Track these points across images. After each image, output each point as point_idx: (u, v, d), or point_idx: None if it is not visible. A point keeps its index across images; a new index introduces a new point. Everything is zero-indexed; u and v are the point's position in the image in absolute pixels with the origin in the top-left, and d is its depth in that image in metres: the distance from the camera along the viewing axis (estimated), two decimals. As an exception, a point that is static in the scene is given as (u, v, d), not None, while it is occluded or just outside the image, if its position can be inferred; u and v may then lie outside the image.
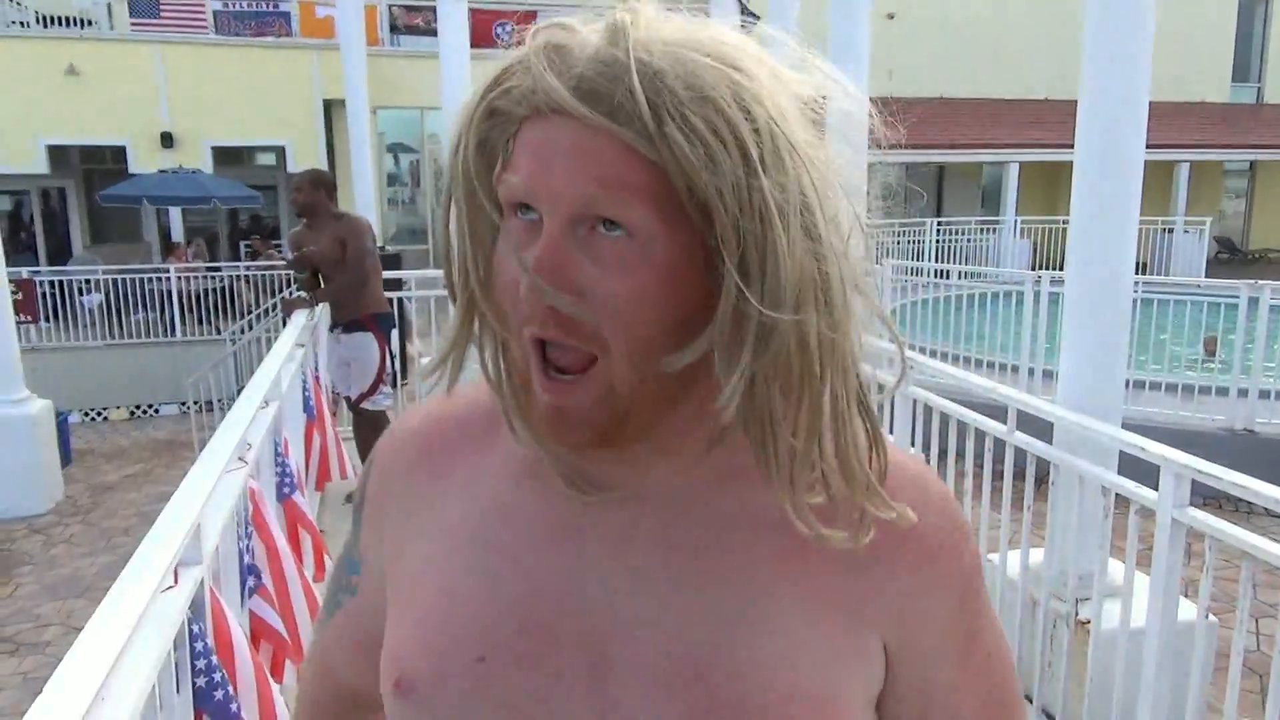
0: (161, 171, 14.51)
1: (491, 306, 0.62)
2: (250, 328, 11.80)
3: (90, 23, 16.27)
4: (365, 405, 5.01)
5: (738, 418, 0.58)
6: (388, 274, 5.35)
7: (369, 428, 5.08)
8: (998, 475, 3.26)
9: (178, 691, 1.68)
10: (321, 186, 4.82)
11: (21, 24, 16.02)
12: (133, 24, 16.07)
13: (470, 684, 0.63)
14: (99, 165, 17.06)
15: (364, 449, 5.16)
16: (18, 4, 16.37)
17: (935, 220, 17.36)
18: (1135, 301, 6.38)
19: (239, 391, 11.06)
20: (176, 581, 1.69)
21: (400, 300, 6.03)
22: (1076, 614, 3.10)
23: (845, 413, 0.60)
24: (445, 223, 0.63)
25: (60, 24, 16.15)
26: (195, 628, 1.75)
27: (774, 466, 0.59)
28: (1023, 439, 3.14)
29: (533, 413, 0.62)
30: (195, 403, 10.53)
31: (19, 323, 8.82)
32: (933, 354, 7.73)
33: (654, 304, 0.56)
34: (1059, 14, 19.41)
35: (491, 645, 0.64)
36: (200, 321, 13.10)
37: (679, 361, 0.58)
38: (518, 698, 0.63)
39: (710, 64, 0.55)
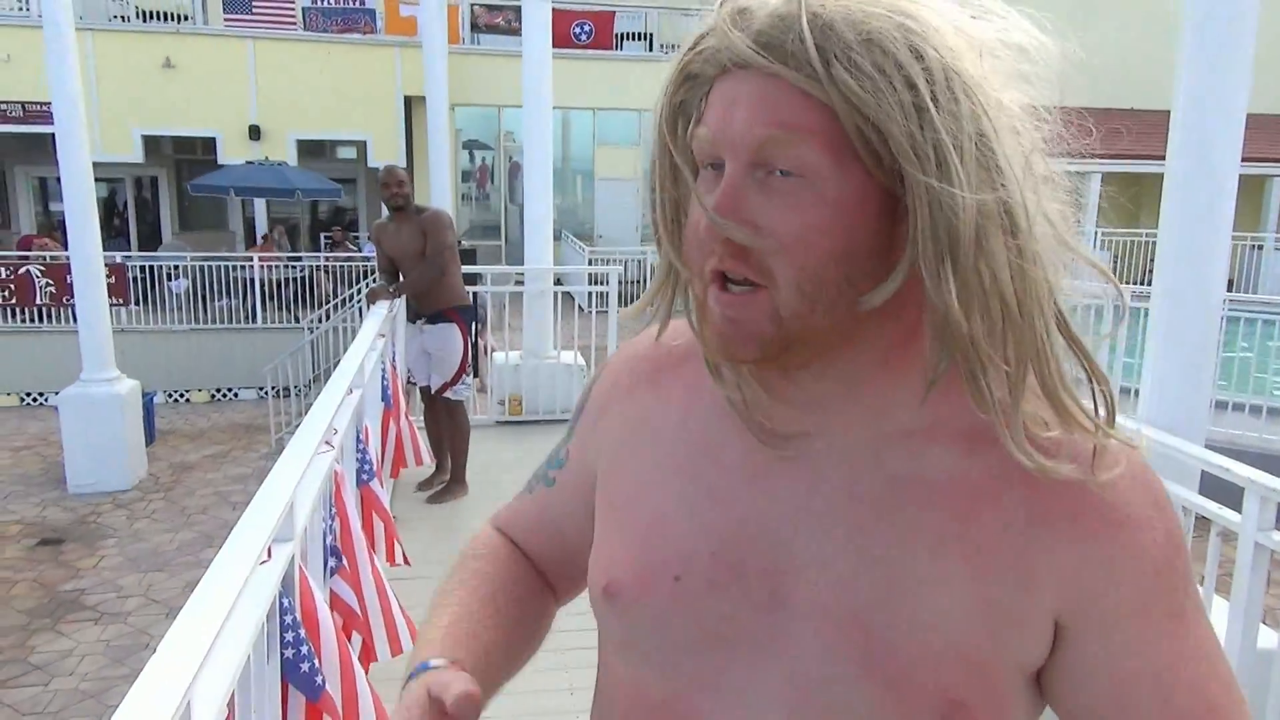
0: (249, 163, 14.96)
1: (677, 253, 0.69)
2: (327, 317, 12.09)
3: (186, 18, 16.85)
4: (448, 395, 5.11)
5: (944, 353, 0.62)
6: (466, 269, 5.45)
7: (448, 416, 5.18)
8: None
9: (267, 662, 1.76)
10: (409, 181, 5.01)
11: (122, 18, 16.66)
12: (226, 19, 16.59)
13: (667, 598, 0.71)
14: (189, 155, 17.67)
15: (437, 438, 5.27)
16: (120, -1, 17.06)
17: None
18: (1221, 319, 6.19)
19: (314, 379, 11.27)
20: (269, 556, 1.77)
21: (475, 294, 6.13)
22: (1150, 636, 3.03)
23: (1045, 342, 0.61)
24: (653, 183, 0.70)
25: (158, 18, 16.77)
26: (285, 602, 1.82)
27: (989, 396, 0.62)
28: (1100, 455, 3.08)
29: (707, 331, 0.67)
30: (273, 388, 10.84)
31: (111, 305, 9.17)
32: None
33: (821, 237, 0.61)
34: (1150, 22, 18.85)
35: (687, 567, 0.71)
36: (280, 309, 13.49)
37: (877, 298, 0.62)
38: (705, 615, 0.70)
39: (882, 13, 0.59)
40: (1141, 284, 12.19)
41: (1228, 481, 2.58)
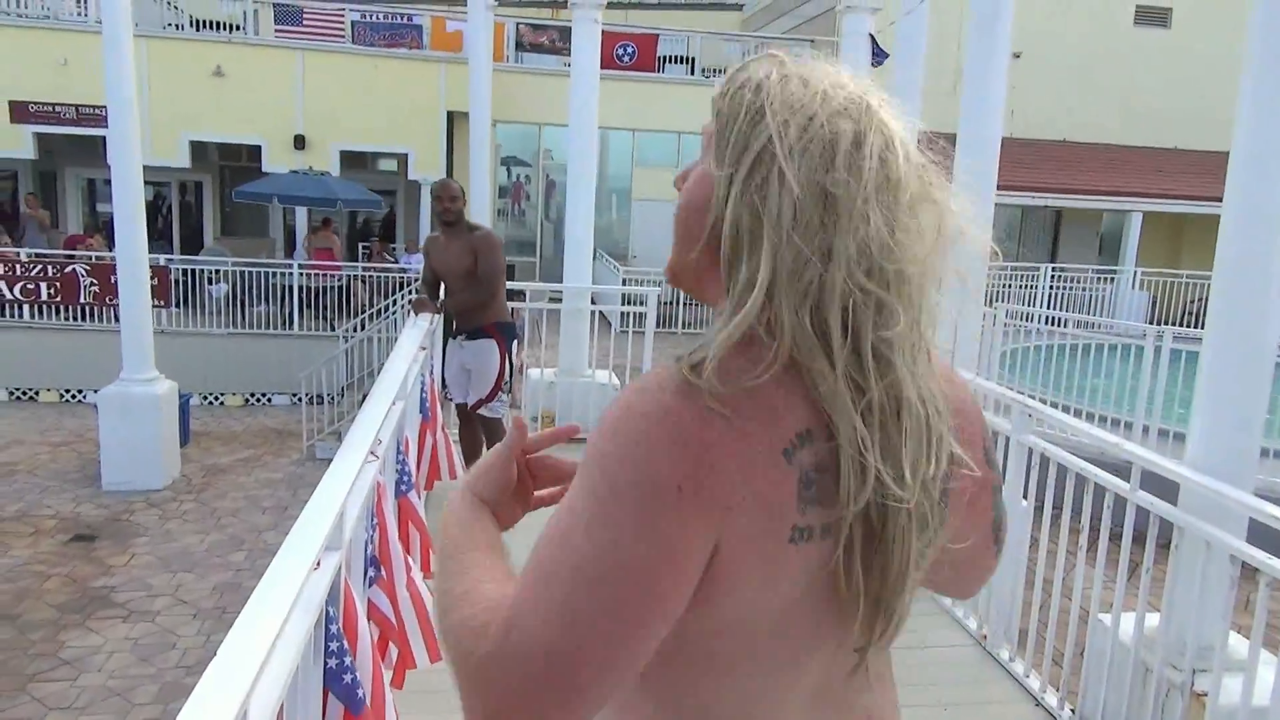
0: (293, 172, 15.17)
1: None
2: (363, 327, 12.20)
3: (237, 27, 17.17)
4: (483, 411, 5.11)
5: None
6: (509, 285, 5.48)
7: (486, 433, 5.19)
8: (1112, 536, 3.16)
9: (312, 670, 1.76)
10: (463, 197, 5.02)
11: (176, 26, 17.02)
12: (276, 31, 16.89)
13: None
14: (234, 162, 17.96)
15: (470, 452, 5.28)
16: (174, 7, 17.42)
17: (1050, 266, 16.88)
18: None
19: (348, 387, 11.26)
20: (318, 565, 1.78)
21: (514, 310, 6.17)
22: (1192, 685, 2.98)
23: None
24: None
25: (210, 28, 17.11)
26: (330, 610, 1.83)
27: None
28: (1145, 498, 3.04)
29: None
30: (306, 395, 10.94)
31: (152, 307, 9.31)
32: (1043, 404, 7.48)
33: (686, 195, 0.88)
34: (1195, 61, 18.70)
35: None
36: (317, 318, 13.63)
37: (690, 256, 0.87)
38: None
39: (793, 81, 0.82)
40: (1181, 325, 12.04)
41: (1275, 530, 2.53)
